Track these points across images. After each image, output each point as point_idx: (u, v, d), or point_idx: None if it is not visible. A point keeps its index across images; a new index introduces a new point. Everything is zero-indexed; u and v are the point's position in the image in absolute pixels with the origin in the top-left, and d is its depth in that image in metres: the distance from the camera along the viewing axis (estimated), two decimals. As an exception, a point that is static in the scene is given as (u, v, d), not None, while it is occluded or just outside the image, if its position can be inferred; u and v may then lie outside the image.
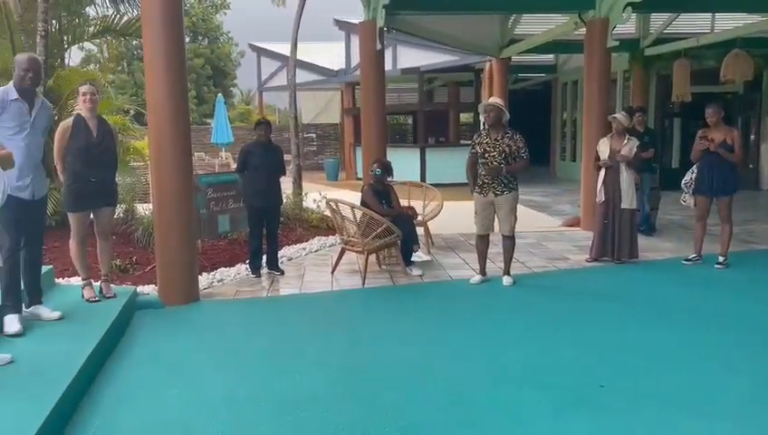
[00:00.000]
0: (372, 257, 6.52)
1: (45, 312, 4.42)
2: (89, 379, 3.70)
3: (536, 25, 12.51)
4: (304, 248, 7.62)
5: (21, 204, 4.08)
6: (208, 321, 5.09)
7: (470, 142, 6.20)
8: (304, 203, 9.41)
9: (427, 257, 6.94)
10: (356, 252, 6.41)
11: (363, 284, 6.09)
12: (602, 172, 6.70)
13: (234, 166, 15.14)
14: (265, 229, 6.41)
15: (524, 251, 7.25)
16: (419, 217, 7.38)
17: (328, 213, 7.19)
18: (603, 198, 6.67)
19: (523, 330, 4.73)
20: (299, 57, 10.96)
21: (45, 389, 3.24)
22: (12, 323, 4.08)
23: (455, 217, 8.53)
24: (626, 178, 6.55)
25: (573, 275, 6.44)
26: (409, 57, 15.47)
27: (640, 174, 7.14)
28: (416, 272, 6.38)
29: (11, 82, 4.20)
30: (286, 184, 6.98)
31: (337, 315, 5.31)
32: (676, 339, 4.45)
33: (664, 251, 7.39)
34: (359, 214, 6.18)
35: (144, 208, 7.63)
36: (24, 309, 4.28)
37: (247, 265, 6.48)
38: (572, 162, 16.19)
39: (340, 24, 17.43)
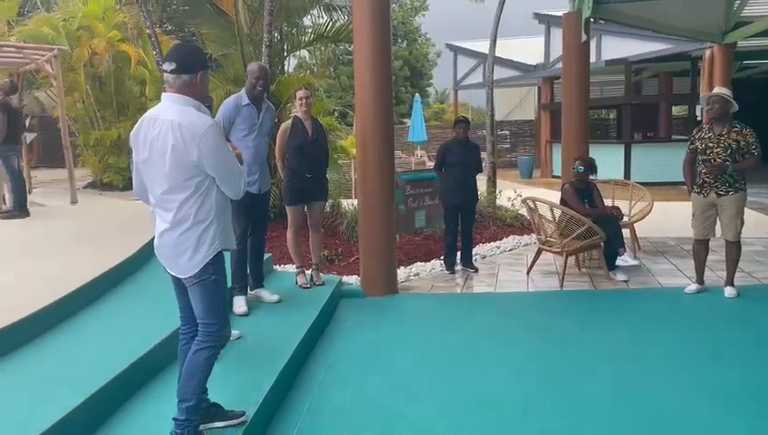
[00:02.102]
0: (571, 259, 6.25)
1: (266, 295, 4.91)
2: (302, 358, 4.05)
3: (770, 4, 10.98)
4: (498, 247, 7.54)
5: (249, 197, 4.56)
6: (406, 313, 5.27)
7: (685, 138, 5.64)
8: (498, 201, 9.31)
9: (633, 262, 6.47)
10: (554, 253, 6.19)
11: (561, 286, 5.86)
12: None
13: (429, 164, 15.62)
14: (460, 226, 6.46)
15: (750, 260, 6.43)
16: (625, 218, 6.90)
17: (523, 211, 7.03)
18: None
19: (748, 349, 4.18)
20: (496, 54, 10.84)
21: (267, 363, 3.61)
22: (240, 303, 4.62)
23: (665, 218, 7.84)
24: None
25: (814, 291, 5.55)
26: (615, 47, 14.53)
27: None
28: (620, 277, 5.99)
29: (243, 89, 4.73)
30: (480, 181, 6.96)
31: (533, 318, 5.16)
32: None
33: None
34: (557, 213, 5.95)
35: (348, 203, 8.11)
36: (248, 291, 4.81)
37: (442, 261, 6.59)
38: (812, 160, 13.96)
39: (540, 18, 16.96)
